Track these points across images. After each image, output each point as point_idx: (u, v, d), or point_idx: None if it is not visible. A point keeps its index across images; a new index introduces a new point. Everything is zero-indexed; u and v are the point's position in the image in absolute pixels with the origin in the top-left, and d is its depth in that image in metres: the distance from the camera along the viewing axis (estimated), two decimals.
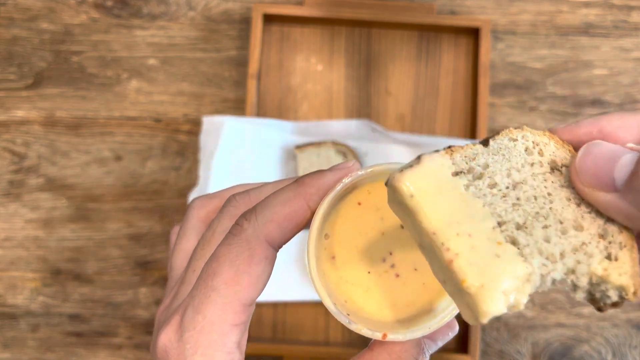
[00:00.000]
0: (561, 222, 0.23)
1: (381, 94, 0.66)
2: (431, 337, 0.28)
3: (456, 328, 0.29)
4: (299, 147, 0.62)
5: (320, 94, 0.66)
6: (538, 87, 0.67)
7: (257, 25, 0.64)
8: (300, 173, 0.62)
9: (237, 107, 0.66)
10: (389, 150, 0.63)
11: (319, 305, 0.63)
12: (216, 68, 0.67)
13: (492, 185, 0.24)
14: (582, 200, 0.24)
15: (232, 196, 0.29)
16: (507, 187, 0.24)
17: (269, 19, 0.66)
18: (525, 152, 0.25)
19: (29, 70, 0.66)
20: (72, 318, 0.64)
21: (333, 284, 0.27)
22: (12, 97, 0.66)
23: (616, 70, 0.67)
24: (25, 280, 0.64)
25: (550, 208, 0.24)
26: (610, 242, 0.23)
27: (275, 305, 0.63)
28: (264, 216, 0.27)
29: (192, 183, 0.64)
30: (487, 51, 0.64)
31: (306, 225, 0.28)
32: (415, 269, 0.27)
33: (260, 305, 0.63)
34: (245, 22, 0.67)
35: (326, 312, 0.63)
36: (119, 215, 0.65)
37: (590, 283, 0.23)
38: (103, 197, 0.65)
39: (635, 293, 0.22)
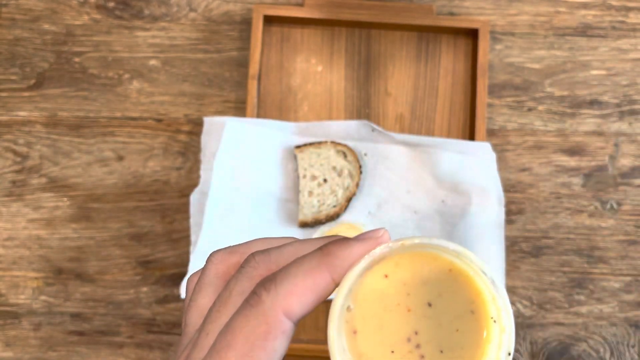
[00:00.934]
0: None
1: (381, 94, 0.67)
2: None
3: None
4: (299, 147, 0.63)
5: (320, 95, 0.67)
6: (536, 88, 0.68)
7: (258, 26, 0.64)
8: (301, 173, 0.62)
9: (238, 108, 0.67)
10: (388, 151, 0.64)
11: (320, 304, 0.63)
12: (217, 69, 0.67)
13: None
14: None
15: (251, 255, 0.28)
16: None
17: (269, 20, 0.66)
18: None
19: (31, 71, 0.67)
20: (74, 317, 0.64)
21: None
22: (14, 97, 0.67)
23: (614, 71, 0.68)
24: (27, 280, 0.65)
25: None
26: None
27: None
28: (284, 288, 0.25)
29: (193, 183, 0.65)
30: (486, 52, 0.65)
31: (327, 297, 0.27)
32: (441, 351, 0.26)
33: None
34: (245, 23, 0.68)
35: (327, 310, 0.63)
36: (120, 215, 0.65)
37: None
38: (105, 197, 0.65)
39: None
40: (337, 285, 0.26)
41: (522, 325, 0.65)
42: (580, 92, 0.68)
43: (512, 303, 0.65)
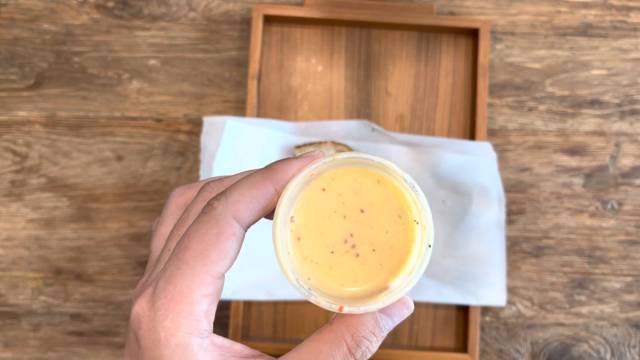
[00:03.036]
0: None
1: (381, 94, 0.67)
2: (387, 312, 0.30)
3: (411, 306, 0.31)
4: (299, 147, 0.63)
5: (321, 95, 0.66)
6: (537, 88, 0.67)
7: (258, 26, 0.64)
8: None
9: (238, 108, 0.66)
10: (388, 151, 0.64)
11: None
12: (217, 68, 0.67)
13: None
14: None
15: (206, 183, 0.32)
16: None
17: (269, 19, 0.66)
18: None
19: (30, 71, 0.67)
20: (74, 317, 0.64)
21: (298, 263, 0.30)
22: (14, 97, 0.66)
23: (615, 71, 0.68)
24: (26, 280, 0.64)
25: None
26: None
27: (275, 304, 0.63)
28: (233, 197, 0.29)
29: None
30: (486, 52, 0.65)
31: (273, 207, 0.30)
32: (374, 250, 0.30)
33: (260, 304, 0.63)
34: (245, 22, 0.67)
35: (326, 311, 0.63)
36: (120, 215, 0.65)
37: None
38: (104, 197, 0.65)
39: None
40: (279, 195, 0.30)
41: (523, 326, 0.65)
42: (581, 92, 0.67)
43: (513, 303, 0.65)
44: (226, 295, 0.60)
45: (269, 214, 0.31)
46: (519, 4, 0.68)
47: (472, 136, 0.65)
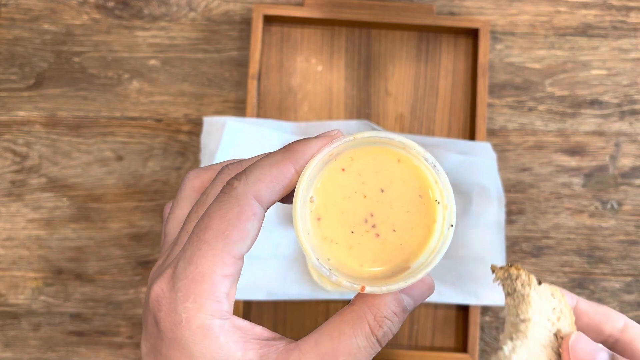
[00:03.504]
0: None
1: (381, 94, 0.67)
2: (409, 293, 0.30)
3: (433, 287, 0.31)
4: None
5: (320, 95, 0.66)
6: (537, 88, 0.67)
7: (258, 26, 0.64)
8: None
9: (238, 108, 0.66)
10: None
11: (319, 304, 0.63)
12: (217, 69, 0.67)
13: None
14: None
15: (225, 166, 0.31)
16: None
17: (269, 19, 0.66)
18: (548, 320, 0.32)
19: (31, 71, 0.67)
20: (74, 317, 0.64)
21: (318, 243, 0.30)
22: (14, 97, 0.66)
23: (615, 71, 0.68)
24: (26, 280, 0.64)
25: None
26: None
27: (275, 304, 0.63)
28: (253, 176, 0.29)
29: None
30: (486, 52, 0.65)
31: (292, 187, 0.29)
32: (394, 230, 0.30)
33: (260, 304, 0.63)
34: (245, 23, 0.68)
35: (326, 311, 0.63)
36: (120, 215, 0.65)
37: None
38: (104, 197, 0.65)
39: None
40: (299, 175, 0.29)
41: None
42: (580, 92, 0.68)
43: None
44: None
45: (285, 197, 0.30)
46: (518, 4, 0.68)
47: (472, 136, 0.65)
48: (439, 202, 0.30)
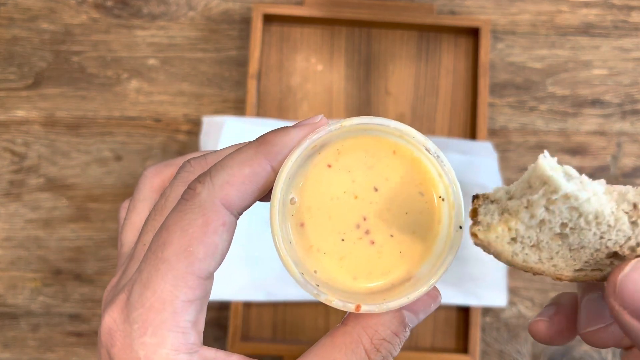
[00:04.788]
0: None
1: (381, 93, 0.66)
2: (412, 309, 0.25)
3: (439, 299, 0.26)
4: None
5: (320, 94, 0.66)
6: (538, 87, 0.67)
7: (257, 25, 0.64)
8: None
9: (237, 107, 0.66)
10: None
11: (319, 305, 0.63)
12: (216, 68, 0.67)
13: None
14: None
15: (186, 161, 0.27)
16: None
17: (269, 19, 0.66)
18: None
19: (29, 70, 0.66)
20: (73, 318, 0.64)
21: (302, 253, 0.25)
22: (12, 97, 0.66)
23: (616, 71, 0.67)
24: (25, 280, 0.64)
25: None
26: None
27: (275, 305, 0.63)
28: (220, 178, 0.24)
29: None
30: (487, 51, 0.64)
31: (269, 187, 0.25)
32: (392, 236, 0.25)
33: (260, 305, 0.63)
34: (245, 22, 0.67)
35: (326, 311, 0.63)
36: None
37: None
38: (103, 197, 0.65)
39: None
40: (276, 173, 0.25)
41: (524, 327, 0.64)
42: (582, 92, 0.67)
43: (514, 304, 0.65)
44: (225, 296, 0.60)
45: (265, 196, 0.26)
46: (519, 3, 0.68)
47: (472, 136, 0.65)
48: (443, 200, 0.25)
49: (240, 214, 0.25)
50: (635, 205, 0.23)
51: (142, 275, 0.23)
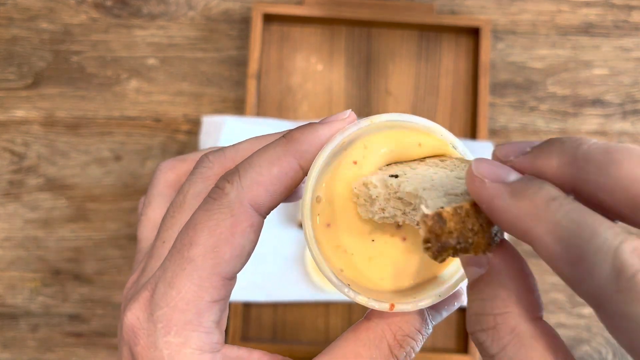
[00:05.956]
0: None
1: (381, 93, 0.66)
2: (435, 306, 0.25)
3: (463, 298, 0.26)
4: None
5: (320, 94, 0.66)
6: (538, 87, 0.67)
7: (257, 25, 0.64)
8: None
9: (237, 107, 0.66)
10: None
11: (318, 305, 0.63)
12: (216, 68, 0.67)
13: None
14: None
15: (204, 156, 0.26)
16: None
17: (268, 18, 0.65)
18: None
19: (29, 70, 0.66)
20: (72, 318, 0.64)
21: (330, 253, 0.24)
22: (12, 97, 0.66)
23: (617, 70, 0.67)
24: (24, 281, 0.64)
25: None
26: None
27: (275, 306, 0.63)
28: (250, 178, 0.23)
29: None
30: (488, 51, 0.64)
31: (296, 186, 0.25)
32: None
33: (260, 306, 0.63)
34: (245, 21, 0.67)
35: (326, 312, 0.63)
36: (118, 215, 0.65)
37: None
38: (103, 197, 0.65)
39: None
40: (305, 173, 0.24)
41: None
42: (582, 92, 0.67)
43: None
44: None
45: (289, 196, 0.25)
46: (520, 3, 0.68)
47: (473, 136, 0.65)
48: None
49: (268, 213, 0.24)
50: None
51: (167, 273, 0.23)
